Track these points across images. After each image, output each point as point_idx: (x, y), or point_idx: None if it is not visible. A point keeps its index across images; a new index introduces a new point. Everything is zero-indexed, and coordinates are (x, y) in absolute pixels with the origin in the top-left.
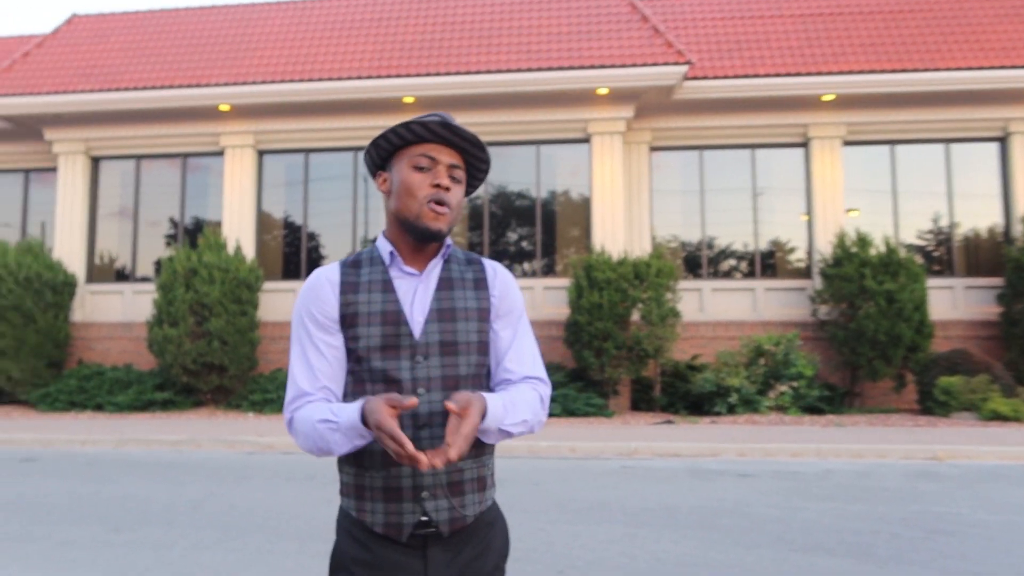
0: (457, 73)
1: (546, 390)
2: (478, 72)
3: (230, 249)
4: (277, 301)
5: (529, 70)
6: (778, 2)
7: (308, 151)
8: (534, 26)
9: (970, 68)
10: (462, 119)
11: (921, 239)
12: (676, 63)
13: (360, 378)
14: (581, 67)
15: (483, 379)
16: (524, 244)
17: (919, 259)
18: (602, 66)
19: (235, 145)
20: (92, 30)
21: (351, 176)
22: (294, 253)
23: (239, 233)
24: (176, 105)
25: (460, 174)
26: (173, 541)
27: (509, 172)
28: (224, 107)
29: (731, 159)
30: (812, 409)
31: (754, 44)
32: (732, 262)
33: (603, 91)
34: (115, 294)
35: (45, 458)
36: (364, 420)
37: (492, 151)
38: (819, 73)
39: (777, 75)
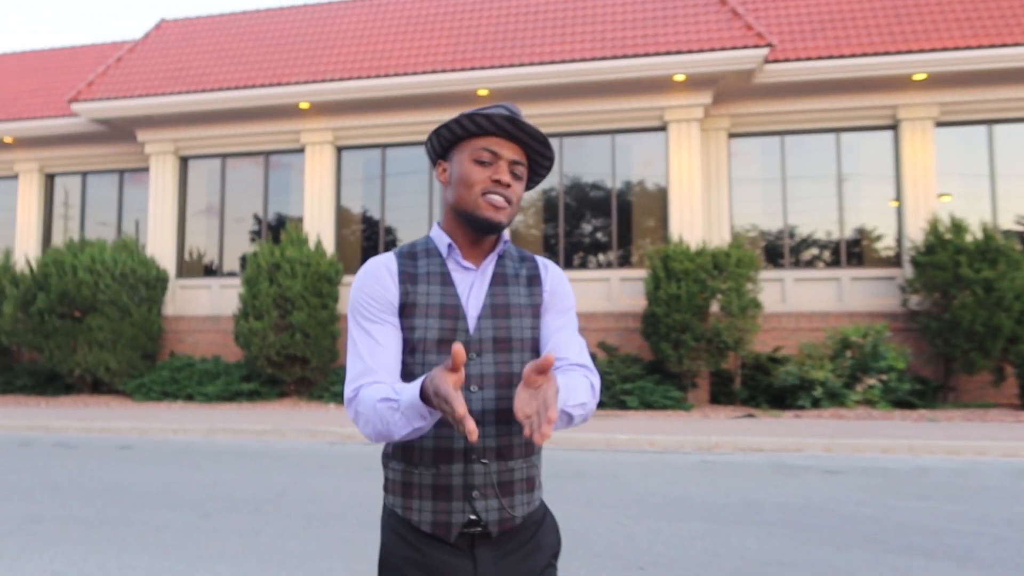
0: (531, 64)
1: (596, 379)
2: (552, 62)
3: (311, 244)
4: None
5: (604, 58)
6: None
7: (385, 146)
8: (608, 13)
9: None
10: (536, 110)
11: (1019, 224)
12: (756, 46)
13: (412, 372)
14: (657, 53)
15: None
16: (599, 235)
17: (1020, 245)
18: (679, 52)
19: (315, 142)
20: (180, 34)
21: (427, 170)
22: (372, 247)
23: (319, 228)
24: (258, 104)
25: (521, 170)
26: (260, 528)
27: (584, 163)
28: (304, 105)
29: (814, 144)
30: (902, 403)
31: (839, 23)
32: (815, 251)
33: (680, 77)
34: (203, 288)
35: (141, 446)
36: (424, 398)
37: (567, 142)
38: (909, 51)
39: (864, 55)
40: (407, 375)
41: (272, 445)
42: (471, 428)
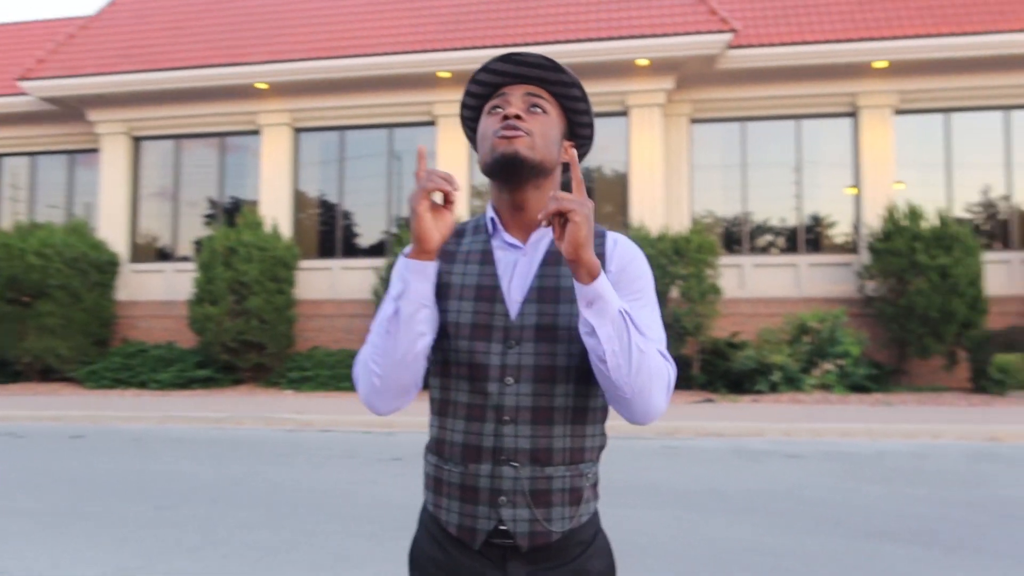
0: (493, 46)
1: (673, 369)
2: (514, 44)
3: (267, 228)
4: (313, 279)
5: (567, 41)
6: None
7: (344, 128)
8: None
9: None
10: None
11: (972, 212)
12: (720, 31)
13: (446, 357)
14: (621, 37)
15: (588, 374)
16: None
17: (973, 232)
18: (642, 35)
19: (272, 124)
20: (134, 11)
21: (386, 153)
22: (330, 231)
23: (276, 212)
24: (214, 84)
25: (542, 103)
26: (219, 519)
27: None
28: (261, 85)
29: (775, 130)
30: (858, 387)
31: (801, 10)
32: (773, 237)
33: (643, 62)
34: (157, 273)
35: (93, 435)
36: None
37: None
38: (870, 39)
39: (826, 42)
40: (442, 362)
41: (229, 433)
42: (421, 151)
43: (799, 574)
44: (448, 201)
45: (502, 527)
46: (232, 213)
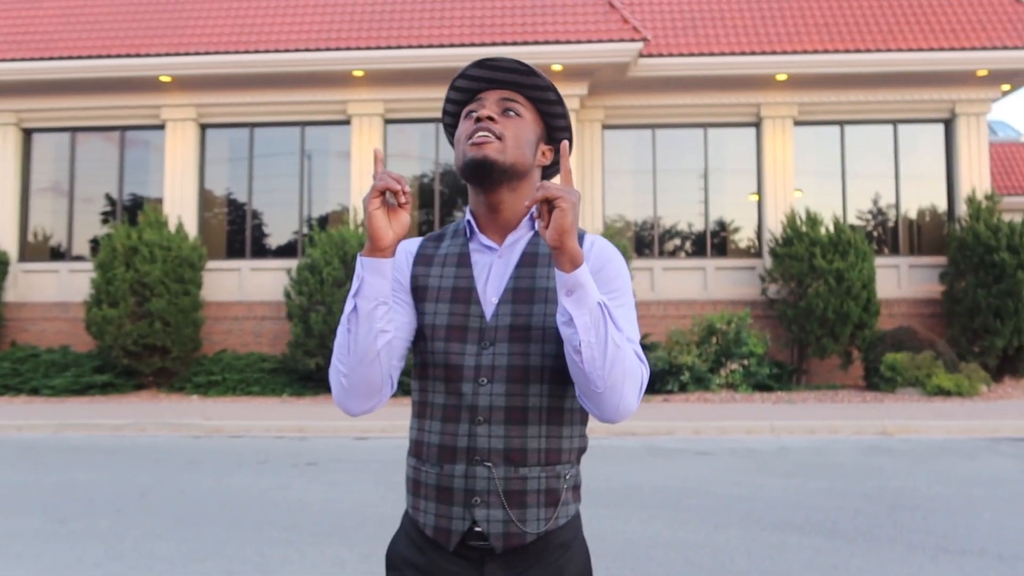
0: (408, 47)
1: (646, 369)
2: (430, 46)
3: (172, 227)
4: (221, 280)
5: (482, 44)
6: None
7: (253, 125)
8: (488, 0)
9: (919, 49)
10: (412, 94)
11: (862, 219)
12: (632, 40)
13: (424, 360)
14: (536, 42)
15: (563, 374)
16: None
17: (866, 239)
18: (557, 41)
19: (177, 118)
20: None
21: (298, 152)
22: (238, 231)
23: (181, 210)
24: (114, 75)
25: (516, 107)
26: (124, 531)
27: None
28: (165, 78)
29: (683, 138)
30: (762, 386)
31: (708, 22)
32: (682, 242)
33: (557, 67)
34: (50, 273)
35: None
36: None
37: (443, 129)
38: (773, 52)
39: (732, 53)
40: (420, 364)
41: (131, 440)
42: (378, 155)
43: (711, 567)
44: (403, 201)
45: (477, 528)
46: (133, 211)
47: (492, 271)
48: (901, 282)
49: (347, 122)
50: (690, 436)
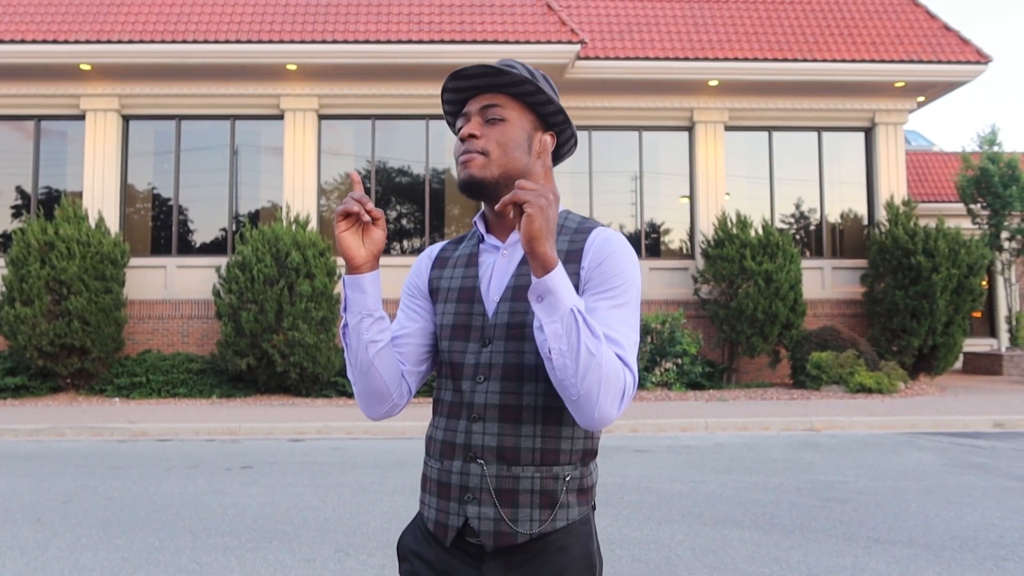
0: (344, 42)
1: (631, 376)
2: (366, 41)
3: (91, 221)
4: (146, 278)
5: (420, 42)
6: None
7: (180, 118)
8: None
9: (842, 60)
10: (347, 90)
11: (788, 222)
12: (570, 42)
13: (440, 359)
14: (474, 41)
15: None
16: (407, 221)
17: (793, 241)
18: (495, 41)
19: (97, 108)
20: None
21: (227, 146)
22: (164, 227)
23: (101, 204)
24: (29, 62)
25: (499, 111)
26: (46, 541)
27: (396, 147)
28: (85, 66)
29: (618, 141)
30: (695, 385)
31: (644, 27)
32: None
33: None
34: None
35: None
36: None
37: (379, 125)
38: (706, 58)
39: (667, 59)
40: (439, 364)
41: (49, 446)
42: (355, 178)
43: (657, 563)
44: (366, 220)
45: (471, 525)
46: (49, 205)
47: (495, 270)
48: (825, 283)
49: (280, 117)
50: (628, 434)
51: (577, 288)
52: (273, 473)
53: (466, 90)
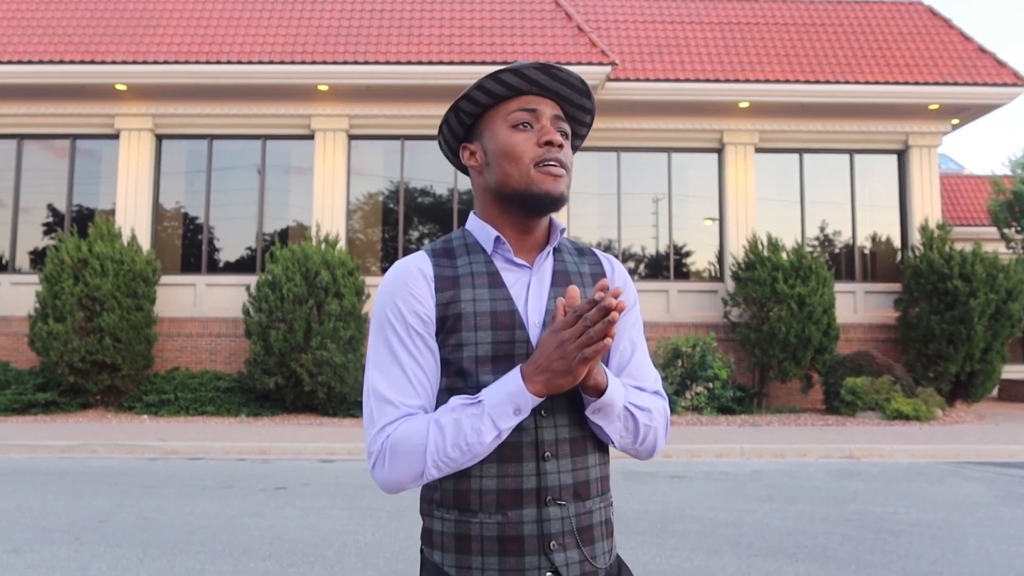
0: (375, 63)
1: (667, 404)
2: (397, 63)
3: (124, 239)
4: (176, 296)
5: (452, 63)
6: (698, 9)
7: (212, 138)
8: (456, 18)
9: (875, 82)
10: (377, 111)
11: (819, 245)
12: (600, 63)
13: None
14: (505, 63)
15: None
16: (428, 241)
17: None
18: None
19: (132, 128)
20: None
21: (258, 166)
22: (194, 246)
23: (134, 223)
24: (66, 82)
25: (567, 127)
26: (86, 562)
27: (426, 168)
28: (121, 87)
29: (647, 162)
30: (725, 409)
31: (674, 49)
32: (645, 264)
33: None
34: None
35: None
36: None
37: (408, 145)
38: (736, 80)
39: (697, 80)
40: None
41: (82, 463)
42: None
43: None
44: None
45: (549, 574)
46: (82, 223)
47: (530, 292)
48: (857, 307)
49: (310, 137)
50: (662, 460)
51: None
52: (307, 495)
53: (540, 88)
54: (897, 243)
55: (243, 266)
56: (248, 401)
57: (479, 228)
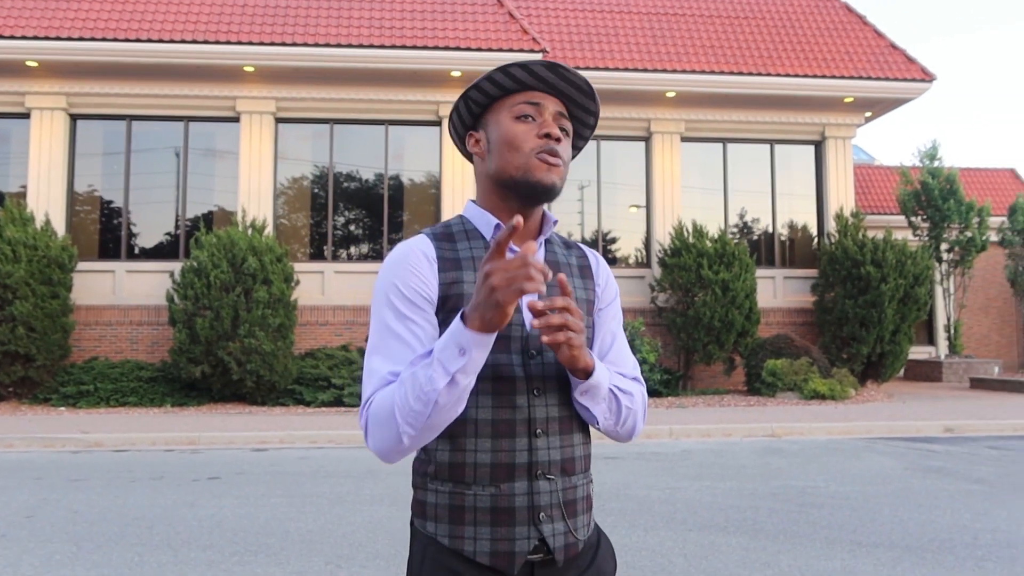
0: (304, 44)
1: (644, 388)
2: (327, 45)
3: (38, 224)
4: (94, 283)
5: (382, 47)
6: None
7: (131, 118)
8: (387, 1)
9: (795, 75)
10: (305, 93)
11: (741, 232)
12: (531, 50)
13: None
14: (436, 47)
15: None
16: (369, 227)
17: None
18: (458, 48)
19: (44, 107)
20: None
21: (180, 148)
22: (112, 230)
23: (48, 206)
24: None
25: (567, 125)
26: (16, 558)
27: (355, 152)
28: (31, 63)
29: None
30: (653, 392)
31: (604, 37)
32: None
33: (457, 74)
34: None
35: None
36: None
37: (337, 129)
38: (663, 70)
39: (626, 69)
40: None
41: None
42: (518, 221)
43: (653, 569)
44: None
45: (537, 544)
46: None
47: None
48: (777, 292)
49: (235, 119)
50: (595, 442)
51: (592, 304)
52: (243, 484)
53: (546, 85)
54: (814, 230)
55: (165, 252)
56: (173, 391)
57: (478, 215)
